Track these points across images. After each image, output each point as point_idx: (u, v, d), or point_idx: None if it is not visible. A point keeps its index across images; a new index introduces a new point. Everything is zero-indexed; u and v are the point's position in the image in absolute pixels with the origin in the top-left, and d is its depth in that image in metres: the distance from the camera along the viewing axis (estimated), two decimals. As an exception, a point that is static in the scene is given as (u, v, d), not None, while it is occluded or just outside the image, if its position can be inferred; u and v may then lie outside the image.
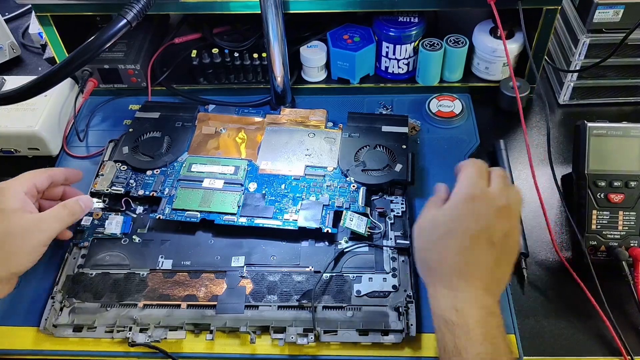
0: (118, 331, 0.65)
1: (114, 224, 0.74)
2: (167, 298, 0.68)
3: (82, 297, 0.68)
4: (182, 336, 0.64)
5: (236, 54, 0.90)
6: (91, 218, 0.75)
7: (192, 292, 0.68)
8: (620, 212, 0.69)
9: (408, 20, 0.86)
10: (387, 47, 0.88)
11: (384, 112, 0.89)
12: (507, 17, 0.80)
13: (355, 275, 0.69)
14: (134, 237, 0.73)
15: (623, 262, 0.67)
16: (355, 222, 0.71)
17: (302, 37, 0.91)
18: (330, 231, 0.70)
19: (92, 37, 0.71)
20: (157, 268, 0.70)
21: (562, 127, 0.89)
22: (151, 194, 0.76)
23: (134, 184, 0.77)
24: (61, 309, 0.67)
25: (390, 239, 0.72)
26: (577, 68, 0.86)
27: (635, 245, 0.68)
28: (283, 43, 0.80)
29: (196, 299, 0.67)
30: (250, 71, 0.92)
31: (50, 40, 0.88)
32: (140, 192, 0.76)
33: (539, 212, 0.76)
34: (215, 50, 0.89)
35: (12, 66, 1.04)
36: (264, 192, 0.75)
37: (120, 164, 0.79)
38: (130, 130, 0.83)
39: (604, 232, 0.69)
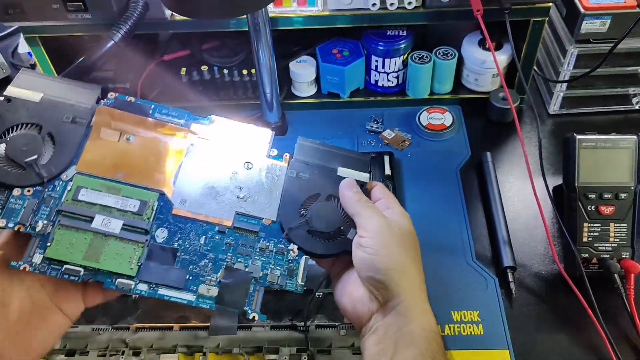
0: (111, 355, 0.65)
1: None
2: (159, 320, 0.67)
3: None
4: (175, 359, 0.64)
5: (225, 71, 0.90)
6: None
7: (184, 313, 0.68)
8: (611, 224, 0.69)
9: (396, 33, 0.86)
10: (377, 61, 0.88)
11: (373, 126, 0.89)
12: (495, 29, 0.81)
13: None
14: None
15: (615, 274, 0.67)
16: None
17: (291, 52, 0.91)
18: (257, 317, 0.52)
19: (81, 59, 0.71)
20: None
21: (552, 137, 0.89)
22: (17, 228, 0.51)
23: None
24: None
25: None
26: (566, 78, 0.87)
27: (627, 257, 0.69)
28: (272, 59, 0.79)
29: (189, 321, 0.67)
30: (240, 87, 0.92)
31: (38, 60, 0.88)
32: (1, 224, 0.51)
33: (531, 223, 0.77)
34: (204, 68, 0.89)
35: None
36: (176, 245, 0.54)
37: None
38: None
39: (595, 244, 0.69)
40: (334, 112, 0.93)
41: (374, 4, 0.78)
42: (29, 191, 0.53)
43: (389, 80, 0.90)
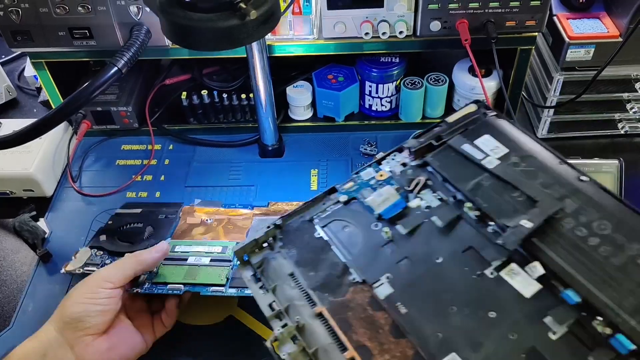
0: None
1: None
2: None
3: None
4: None
5: (225, 95, 0.93)
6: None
7: None
8: (595, 246, 0.72)
9: (389, 60, 0.90)
10: (370, 86, 0.91)
11: (367, 149, 0.92)
12: (485, 56, 0.84)
13: None
14: None
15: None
16: None
17: (288, 78, 0.95)
18: None
19: (85, 85, 0.74)
20: None
21: (541, 161, 0.92)
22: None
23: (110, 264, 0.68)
24: None
25: None
26: (553, 104, 0.90)
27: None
28: (269, 84, 0.83)
29: None
30: (239, 111, 0.95)
31: (44, 84, 0.91)
32: None
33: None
34: (204, 92, 0.92)
35: (8, 108, 1.06)
36: None
37: (95, 250, 0.75)
38: (110, 222, 0.80)
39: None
40: (329, 135, 0.95)
41: (366, 33, 0.81)
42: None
43: (382, 105, 0.94)
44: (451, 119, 0.64)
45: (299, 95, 0.93)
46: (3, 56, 1.16)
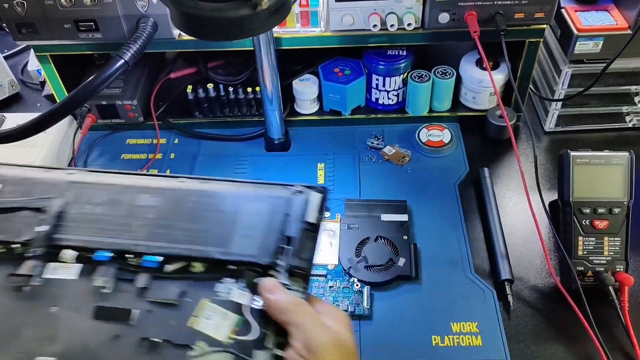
0: None
1: None
2: None
3: None
4: None
5: (230, 88, 0.92)
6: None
7: None
8: (606, 238, 0.71)
9: (397, 53, 0.89)
10: (377, 80, 0.91)
11: (374, 143, 0.92)
12: (492, 48, 0.83)
13: None
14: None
15: (610, 287, 0.69)
16: (214, 323, 0.47)
17: (295, 71, 0.94)
18: None
19: (92, 77, 0.73)
20: None
21: (548, 154, 0.91)
22: None
23: None
24: None
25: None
26: (561, 97, 0.89)
27: (621, 270, 0.70)
28: (276, 78, 0.82)
29: None
30: (245, 104, 0.94)
31: (49, 77, 0.90)
32: None
33: (528, 237, 0.79)
34: (210, 85, 0.92)
35: (11, 103, 1.06)
36: None
37: None
38: None
39: (590, 258, 0.71)
40: (336, 128, 0.95)
41: (374, 25, 0.80)
42: None
43: (389, 99, 0.93)
44: None
45: (305, 89, 0.92)
46: (6, 50, 1.15)
